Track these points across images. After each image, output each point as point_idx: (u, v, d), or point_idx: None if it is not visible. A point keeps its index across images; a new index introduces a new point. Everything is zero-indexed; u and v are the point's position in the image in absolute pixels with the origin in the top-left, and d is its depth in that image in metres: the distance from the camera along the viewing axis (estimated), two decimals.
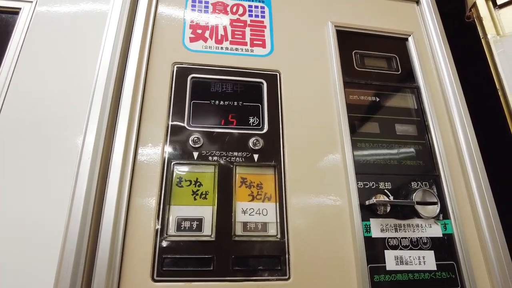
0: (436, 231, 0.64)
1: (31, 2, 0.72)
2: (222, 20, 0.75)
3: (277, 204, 0.61)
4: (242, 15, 0.76)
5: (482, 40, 0.80)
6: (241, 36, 0.74)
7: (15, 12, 0.71)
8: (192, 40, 0.72)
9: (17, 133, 0.60)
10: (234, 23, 0.75)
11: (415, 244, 0.63)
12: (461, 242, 0.63)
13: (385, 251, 0.61)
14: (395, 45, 0.82)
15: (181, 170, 0.61)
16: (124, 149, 0.59)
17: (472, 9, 0.84)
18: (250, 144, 0.65)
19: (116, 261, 0.53)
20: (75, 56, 0.68)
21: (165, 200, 0.58)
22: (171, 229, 0.57)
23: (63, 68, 0.66)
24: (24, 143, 0.59)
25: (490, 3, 0.81)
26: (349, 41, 0.79)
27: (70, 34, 0.70)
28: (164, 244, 0.56)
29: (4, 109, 0.62)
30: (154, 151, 0.61)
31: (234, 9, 0.77)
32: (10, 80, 0.64)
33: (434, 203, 0.65)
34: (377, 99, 0.74)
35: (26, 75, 0.65)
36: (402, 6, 0.89)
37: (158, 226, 0.56)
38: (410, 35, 0.82)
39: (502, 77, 0.73)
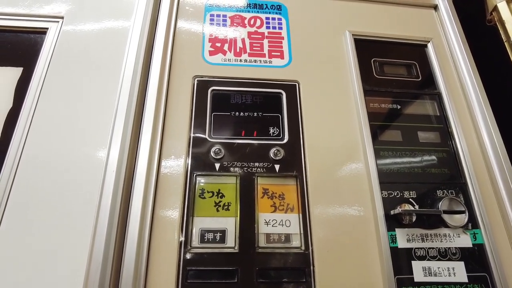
0: (465, 241, 0.62)
1: (57, 22, 0.75)
2: (240, 33, 0.76)
3: (300, 215, 0.60)
4: (259, 27, 0.77)
5: (506, 44, 0.78)
6: (259, 48, 0.75)
7: (43, 32, 0.75)
8: (211, 53, 0.73)
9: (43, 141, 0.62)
10: (252, 36, 0.76)
11: (444, 255, 0.61)
12: (493, 252, 0.61)
13: (412, 261, 0.59)
14: (415, 52, 0.81)
15: (203, 181, 0.62)
16: (148, 162, 0.60)
17: (493, 13, 0.82)
18: (271, 155, 0.65)
19: (141, 273, 0.53)
20: (99, 71, 0.70)
21: (188, 212, 0.59)
22: (195, 241, 0.57)
23: (87, 84, 0.68)
24: (52, 149, 0.61)
25: None
26: (368, 49, 0.79)
27: (93, 50, 0.72)
28: (188, 256, 0.56)
29: (33, 126, 0.64)
30: (177, 163, 0.62)
31: (252, 21, 0.78)
32: (39, 97, 0.67)
33: (462, 212, 0.63)
34: (398, 107, 0.73)
35: (53, 91, 0.67)
36: (420, 13, 0.88)
37: (182, 238, 0.57)
38: (429, 41, 0.82)
39: None
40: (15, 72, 0.70)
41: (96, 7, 0.77)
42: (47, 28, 0.75)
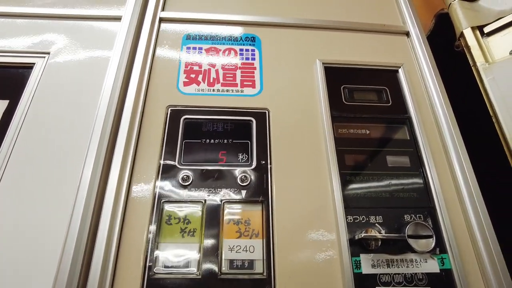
0: (432, 266, 0.62)
1: (44, 58, 0.80)
2: (214, 64, 0.80)
3: (264, 240, 0.61)
4: (233, 58, 0.81)
5: (473, 68, 0.80)
6: (232, 78, 0.78)
7: (30, 66, 0.80)
8: (186, 84, 0.77)
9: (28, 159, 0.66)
10: (225, 67, 0.80)
11: (410, 281, 0.60)
12: (460, 278, 0.60)
13: None
14: (386, 77, 0.84)
15: (170, 207, 0.63)
16: (117, 186, 0.63)
17: (460, 39, 0.85)
18: (239, 180, 0.67)
19: None
20: (80, 97, 0.74)
21: (155, 237, 0.60)
22: (159, 266, 0.58)
23: (69, 108, 0.73)
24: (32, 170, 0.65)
25: (478, 32, 0.82)
26: (338, 76, 0.81)
27: (77, 79, 0.77)
28: (152, 281, 0.57)
29: (18, 140, 0.68)
30: (146, 189, 0.64)
31: (226, 53, 0.82)
32: (24, 118, 0.72)
33: (429, 236, 0.63)
34: (367, 132, 0.75)
35: (37, 114, 0.72)
36: (392, 39, 0.91)
37: (147, 263, 0.58)
38: (400, 67, 0.84)
39: (493, 104, 0.72)
40: (1, 104, 0.75)
41: (81, 40, 0.82)
42: (34, 63, 0.80)
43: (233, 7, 0.91)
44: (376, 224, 0.64)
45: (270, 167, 0.68)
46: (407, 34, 0.92)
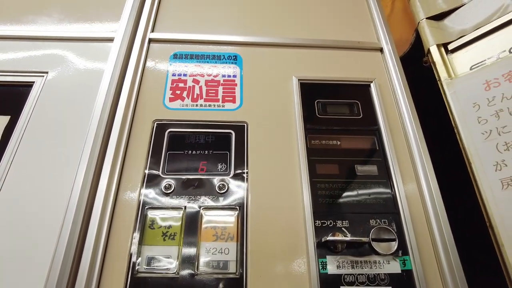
0: (394, 267, 0.67)
1: (43, 76, 0.88)
2: (198, 82, 0.87)
3: (238, 243, 0.67)
4: (216, 76, 0.88)
5: (438, 82, 0.86)
6: (214, 94, 0.85)
7: (29, 85, 0.87)
8: (171, 100, 0.84)
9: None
10: (208, 83, 0.87)
11: (372, 281, 0.65)
12: (419, 278, 0.65)
13: (341, 287, 0.64)
14: (358, 91, 0.90)
15: (153, 213, 0.69)
16: (105, 193, 0.69)
17: (427, 55, 0.91)
18: (217, 188, 0.73)
19: None
20: (74, 112, 0.81)
21: (139, 240, 0.66)
22: (141, 266, 0.64)
23: (65, 121, 0.80)
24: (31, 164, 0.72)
25: (442, 49, 0.88)
26: (313, 91, 0.88)
27: (72, 94, 0.84)
28: (135, 279, 0.63)
29: (18, 151, 0.76)
30: (132, 196, 0.71)
31: (210, 71, 0.89)
32: (24, 132, 0.79)
33: (392, 240, 0.68)
34: (338, 143, 0.81)
35: (36, 128, 0.79)
36: (367, 55, 0.98)
37: (131, 263, 0.64)
38: (372, 81, 0.90)
39: (455, 116, 0.78)
40: (3, 120, 0.82)
41: (76, 60, 0.90)
42: (34, 82, 0.87)
43: (217, 28, 0.98)
44: (343, 228, 0.70)
45: (247, 176, 0.74)
46: (381, 50, 0.98)
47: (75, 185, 0.69)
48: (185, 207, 0.70)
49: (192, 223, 0.69)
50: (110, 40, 0.92)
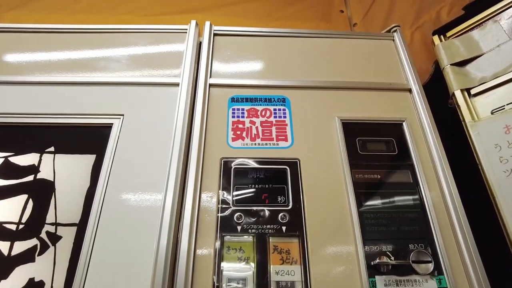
0: (432, 285, 0.80)
1: (119, 118, 1.02)
2: (254, 123, 1.01)
3: (302, 266, 0.81)
4: (269, 117, 1.02)
5: (463, 123, 0.99)
6: (269, 134, 0.99)
7: (109, 126, 1.02)
8: (233, 139, 0.98)
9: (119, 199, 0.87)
10: (263, 124, 1.01)
11: None
12: None
13: None
14: (392, 130, 1.03)
15: (229, 240, 0.83)
16: (190, 223, 0.83)
17: (452, 98, 1.05)
18: (279, 219, 0.86)
19: None
20: (153, 152, 0.95)
21: (219, 261, 0.80)
22: (223, 284, 0.78)
23: (145, 160, 0.94)
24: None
25: (466, 93, 1.02)
26: (353, 130, 1.01)
27: (148, 135, 0.98)
28: None
29: (109, 186, 0.89)
30: (209, 227, 0.85)
31: (263, 113, 1.03)
32: (111, 168, 0.93)
33: (429, 262, 0.81)
34: (379, 176, 0.94)
35: (120, 164, 0.94)
36: (397, 95, 1.12)
37: (215, 282, 0.78)
38: (404, 121, 1.04)
39: (479, 155, 0.91)
40: (89, 158, 0.97)
41: (148, 104, 1.04)
42: (112, 123, 1.02)
43: (266, 73, 1.13)
44: (387, 252, 0.83)
45: (304, 208, 0.88)
46: (410, 90, 1.12)
47: (163, 228, 0.82)
48: (255, 234, 0.84)
49: (262, 248, 0.82)
50: (176, 85, 1.06)
